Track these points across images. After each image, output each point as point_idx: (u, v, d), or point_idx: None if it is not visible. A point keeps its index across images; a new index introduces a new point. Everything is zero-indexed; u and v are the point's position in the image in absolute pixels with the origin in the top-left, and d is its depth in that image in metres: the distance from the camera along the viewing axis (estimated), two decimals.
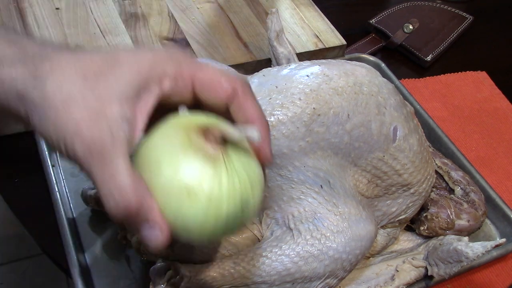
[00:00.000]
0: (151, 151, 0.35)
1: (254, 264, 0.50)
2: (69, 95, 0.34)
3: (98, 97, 0.34)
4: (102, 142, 0.33)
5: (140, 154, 0.35)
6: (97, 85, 0.34)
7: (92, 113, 0.33)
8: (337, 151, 0.53)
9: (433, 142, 0.75)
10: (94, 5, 0.85)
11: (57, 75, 0.34)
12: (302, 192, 0.52)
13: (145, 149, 0.35)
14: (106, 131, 0.33)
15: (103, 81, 0.34)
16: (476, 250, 0.54)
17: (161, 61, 0.36)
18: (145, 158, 0.35)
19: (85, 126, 0.33)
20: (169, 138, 0.35)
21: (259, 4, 0.90)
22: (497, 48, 1.00)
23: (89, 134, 0.33)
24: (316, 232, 0.51)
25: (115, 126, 0.34)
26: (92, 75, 0.35)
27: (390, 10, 0.99)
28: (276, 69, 0.57)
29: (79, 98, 0.34)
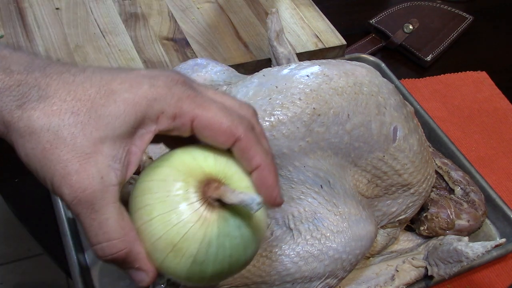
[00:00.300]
0: (147, 193, 0.34)
1: (254, 264, 0.50)
2: (57, 133, 0.31)
3: (89, 137, 0.32)
4: (92, 190, 0.32)
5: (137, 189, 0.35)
6: (89, 123, 0.32)
7: (81, 155, 0.31)
8: (337, 151, 0.53)
9: (433, 142, 0.75)
10: (94, 5, 0.85)
11: (45, 109, 0.32)
12: (302, 192, 0.52)
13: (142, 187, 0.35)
14: (96, 178, 0.32)
15: (95, 118, 0.32)
16: (476, 250, 0.54)
17: (160, 99, 0.33)
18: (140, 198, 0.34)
19: (73, 171, 0.31)
20: (166, 185, 0.34)
21: (259, 4, 0.90)
22: (497, 48, 1.00)
23: (77, 180, 0.31)
24: (316, 232, 0.51)
25: (106, 171, 0.32)
26: (84, 110, 0.32)
27: (390, 10, 0.99)
28: (276, 69, 0.57)
29: (68, 138, 0.31)
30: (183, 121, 0.34)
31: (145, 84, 0.33)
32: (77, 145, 0.31)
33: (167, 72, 0.35)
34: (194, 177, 0.34)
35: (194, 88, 0.35)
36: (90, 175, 0.32)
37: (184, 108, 0.34)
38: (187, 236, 0.33)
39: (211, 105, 0.35)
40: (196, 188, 0.34)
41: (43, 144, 0.31)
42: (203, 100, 0.34)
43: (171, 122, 0.34)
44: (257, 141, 0.36)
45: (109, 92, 0.33)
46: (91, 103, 0.32)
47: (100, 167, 0.32)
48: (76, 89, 0.32)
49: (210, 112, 0.34)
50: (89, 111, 0.32)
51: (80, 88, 0.32)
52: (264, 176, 0.36)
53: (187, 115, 0.34)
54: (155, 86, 0.33)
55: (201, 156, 0.35)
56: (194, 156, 0.35)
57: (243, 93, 0.54)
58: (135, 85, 0.33)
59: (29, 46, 0.75)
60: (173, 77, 0.35)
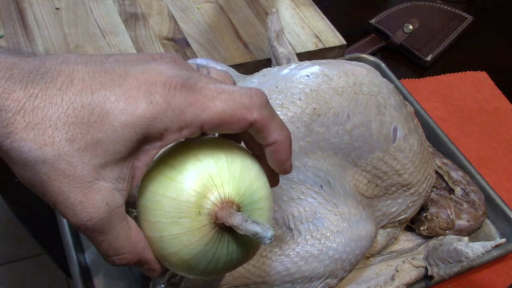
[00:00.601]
0: (159, 209, 0.34)
1: (254, 264, 0.50)
2: (54, 165, 0.29)
3: (89, 164, 0.30)
4: (98, 218, 0.31)
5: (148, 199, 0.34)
6: (86, 150, 0.29)
7: (83, 185, 0.30)
8: (337, 151, 0.53)
9: (433, 142, 0.75)
10: (94, 5, 0.85)
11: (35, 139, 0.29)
12: (302, 192, 0.52)
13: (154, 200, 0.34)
14: (101, 205, 0.30)
15: (92, 145, 0.29)
16: (476, 250, 0.54)
17: (161, 117, 0.31)
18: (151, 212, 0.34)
19: (77, 202, 0.30)
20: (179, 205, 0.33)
21: (259, 4, 0.90)
22: (497, 48, 1.00)
23: (82, 210, 0.30)
24: (316, 232, 0.51)
25: (110, 196, 0.31)
26: (80, 137, 0.29)
27: (390, 10, 0.99)
28: (276, 69, 0.57)
29: (67, 169, 0.29)
30: (191, 130, 0.32)
31: (141, 101, 0.30)
32: (77, 175, 0.29)
33: (163, 76, 0.32)
34: (208, 197, 0.33)
35: (194, 88, 0.32)
36: (95, 204, 0.30)
37: (188, 118, 0.31)
38: (197, 256, 0.34)
39: (216, 102, 0.32)
40: (209, 210, 0.33)
41: (41, 176, 0.29)
42: (206, 100, 0.32)
43: (178, 135, 0.32)
44: (272, 119, 0.34)
45: (103, 114, 0.30)
46: (86, 128, 0.29)
47: (104, 193, 0.31)
48: (67, 112, 0.29)
49: (217, 110, 0.32)
50: (84, 137, 0.29)
51: (71, 110, 0.29)
52: (278, 152, 0.35)
53: (194, 124, 0.32)
54: (153, 103, 0.30)
55: (214, 169, 0.34)
56: (208, 169, 0.34)
57: None
58: (131, 103, 0.30)
59: (29, 46, 0.75)
60: (170, 83, 0.31)
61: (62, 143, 0.29)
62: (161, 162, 0.35)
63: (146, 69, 0.32)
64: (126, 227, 0.33)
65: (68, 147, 0.29)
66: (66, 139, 0.29)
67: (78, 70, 0.30)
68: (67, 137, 0.29)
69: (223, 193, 0.34)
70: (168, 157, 0.35)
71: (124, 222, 0.32)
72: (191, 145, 0.35)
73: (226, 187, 0.34)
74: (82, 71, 0.31)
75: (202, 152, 0.35)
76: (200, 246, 0.34)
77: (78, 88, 0.30)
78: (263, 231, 0.32)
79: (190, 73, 0.33)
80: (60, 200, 0.30)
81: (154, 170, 0.35)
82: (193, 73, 0.33)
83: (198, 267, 0.35)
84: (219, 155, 0.35)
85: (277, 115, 0.35)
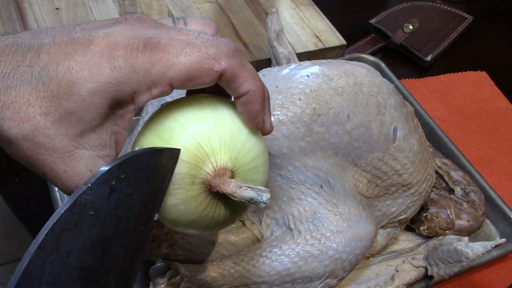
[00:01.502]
0: None
1: (254, 264, 0.50)
2: (34, 140, 0.30)
3: (66, 135, 0.31)
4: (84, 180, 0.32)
5: None
6: (61, 121, 0.30)
7: (65, 155, 0.31)
8: (337, 151, 0.53)
9: (433, 142, 0.75)
10: (94, 5, 0.85)
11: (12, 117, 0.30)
12: (302, 192, 0.52)
13: None
14: (85, 172, 0.32)
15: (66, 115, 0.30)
16: (476, 250, 0.54)
17: (125, 80, 0.31)
18: None
19: (61, 171, 0.31)
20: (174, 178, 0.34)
21: (259, 4, 0.90)
22: (497, 48, 1.00)
23: (67, 179, 0.31)
24: (316, 232, 0.51)
25: (93, 163, 0.32)
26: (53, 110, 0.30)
27: (390, 10, 0.99)
28: (276, 69, 0.57)
29: (46, 142, 0.30)
30: (161, 89, 0.32)
31: (105, 67, 0.30)
32: (57, 146, 0.31)
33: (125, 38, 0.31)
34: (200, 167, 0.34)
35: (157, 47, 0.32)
36: (78, 172, 0.31)
37: (155, 78, 0.31)
38: (195, 221, 0.35)
39: (180, 57, 0.32)
40: (202, 180, 0.34)
41: (24, 151, 0.31)
42: (171, 56, 0.31)
43: (149, 96, 0.32)
44: (242, 68, 0.33)
45: (70, 85, 0.30)
46: (57, 100, 0.30)
47: (87, 160, 0.32)
48: (37, 87, 0.30)
49: (183, 65, 0.31)
50: (57, 109, 0.30)
51: (41, 84, 0.30)
52: (250, 102, 0.34)
53: (161, 82, 0.32)
54: (116, 67, 0.31)
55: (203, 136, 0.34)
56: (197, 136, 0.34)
57: None
58: (94, 70, 0.30)
59: None
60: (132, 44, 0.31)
61: (37, 118, 0.30)
62: (148, 131, 0.35)
63: (109, 33, 0.32)
64: None
65: (43, 121, 0.30)
66: (40, 113, 0.30)
67: (45, 44, 0.31)
68: (41, 112, 0.30)
69: (215, 161, 0.34)
70: (154, 124, 0.35)
71: None
72: (175, 107, 0.35)
73: (218, 154, 0.34)
74: (49, 44, 0.31)
75: (187, 116, 0.34)
76: (197, 213, 0.34)
77: (44, 62, 0.31)
78: (258, 196, 0.33)
79: (156, 31, 0.33)
80: (46, 172, 0.31)
81: (143, 140, 0.35)
82: (160, 30, 0.33)
83: (196, 228, 0.36)
84: (207, 117, 0.34)
85: (249, 65, 0.34)
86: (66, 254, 0.28)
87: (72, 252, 0.29)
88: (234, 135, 0.35)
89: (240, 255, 0.51)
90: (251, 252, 0.51)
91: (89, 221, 0.29)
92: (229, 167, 0.34)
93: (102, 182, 0.30)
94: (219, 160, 0.34)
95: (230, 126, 0.35)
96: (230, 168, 0.34)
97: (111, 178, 0.30)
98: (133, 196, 0.31)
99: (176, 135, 0.34)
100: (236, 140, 0.35)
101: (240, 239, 0.54)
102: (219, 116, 0.35)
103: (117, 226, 0.31)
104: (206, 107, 0.35)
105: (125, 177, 0.31)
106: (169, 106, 0.35)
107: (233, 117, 0.35)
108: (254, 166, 0.36)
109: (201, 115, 0.34)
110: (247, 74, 0.34)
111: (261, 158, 0.36)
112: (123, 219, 0.31)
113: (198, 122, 0.34)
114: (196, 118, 0.34)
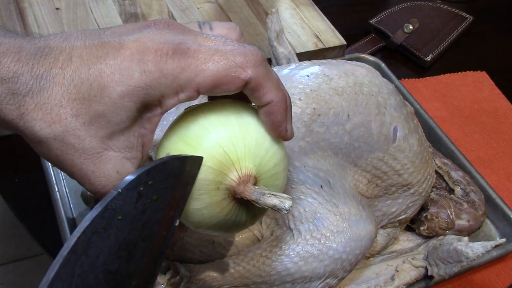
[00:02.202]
0: None
1: (254, 264, 0.50)
2: (64, 140, 0.31)
3: (96, 136, 0.32)
4: (111, 185, 0.33)
5: None
6: (91, 123, 0.31)
7: (94, 156, 0.32)
8: (337, 151, 0.53)
9: (433, 142, 0.75)
10: (94, 5, 0.85)
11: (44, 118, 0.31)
12: (302, 192, 0.52)
13: None
14: (112, 174, 0.33)
15: (96, 117, 0.31)
16: (476, 250, 0.54)
17: (155, 84, 0.32)
18: None
19: (90, 172, 0.32)
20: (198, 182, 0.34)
21: (259, 4, 0.90)
22: (497, 48, 1.00)
23: (95, 180, 0.33)
24: (316, 232, 0.51)
25: (120, 164, 0.33)
26: (84, 112, 0.31)
27: (390, 10, 0.99)
28: (276, 69, 0.57)
29: (76, 143, 0.31)
30: (188, 95, 0.33)
31: (135, 71, 0.31)
32: (86, 147, 0.32)
33: (155, 43, 0.32)
34: (225, 173, 0.34)
35: (187, 53, 0.32)
36: (106, 173, 0.32)
37: (183, 83, 0.32)
38: (217, 224, 0.36)
39: (209, 64, 0.32)
40: (227, 186, 0.35)
41: (54, 151, 0.32)
42: (200, 63, 0.32)
43: (176, 100, 0.33)
44: (267, 77, 0.34)
45: (101, 88, 0.31)
46: (88, 103, 0.31)
47: (114, 162, 0.32)
48: (69, 89, 0.31)
49: (211, 72, 0.32)
50: (88, 111, 0.31)
51: (72, 87, 0.31)
52: (273, 112, 0.35)
53: (189, 88, 0.32)
54: (146, 72, 0.32)
55: (228, 143, 0.34)
56: (222, 143, 0.34)
57: None
58: (125, 74, 0.31)
59: None
60: (162, 49, 0.32)
61: (68, 119, 0.31)
62: (174, 135, 0.35)
63: (139, 38, 0.33)
64: None
65: (74, 122, 0.31)
66: (71, 115, 0.31)
67: (77, 47, 0.32)
68: (72, 113, 0.31)
69: (240, 168, 0.34)
70: (180, 129, 0.35)
71: None
72: (199, 112, 0.35)
73: (243, 161, 0.34)
74: (80, 48, 0.32)
75: (213, 122, 0.35)
76: (220, 217, 0.35)
77: (76, 65, 0.32)
78: (281, 203, 0.33)
79: (184, 37, 0.34)
80: (75, 172, 0.32)
81: (168, 145, 0.35)
82: (188, 36, 0.34)
83: (217, 231, 0.37)
84: (232, 124, 0.35)
85: (274, 75, 0.35)
86: (95, 257, 0.29)
87: (100, 255, 0.30)
88: (259, 142, 0.35)
89: (240, 255, 0.51)
90: (251, 252, 0.51)
91: (117, 225, 0.30)
92: (253, 174, 0.35)
93: (131, 188, 0.31)
94: (244, 167, 0.35)
95: (254, 133, 0.35)
96: (253, 174, 0.35)
97: (139, 184, 0.31)
98: (158, 202, 0.32)
99: (202, 142, 0.34)
100: (260, 147, 0.35)
101: (240, 239, 0.54)
102: (243, 123, 0.35)
103: (142, 231, 0.32)
104: (230, 114, 0.35)
105: (152, 183, 0.32)
106: (194, 111, 0.36)
107: (257, 124, 0.36)
108: (276, 172, 0.36)
109: (226, 122, 0.35)
110: (271, 84, 0.34)
111: (282, 164, 0.37)
112: (148, 224, 0.32)
113: (223, 129, 0.35)
114: (221, 125, 0.35)
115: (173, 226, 0.34)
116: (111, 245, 0.30)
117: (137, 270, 0.32)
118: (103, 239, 0.30)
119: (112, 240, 0.30)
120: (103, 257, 0.30)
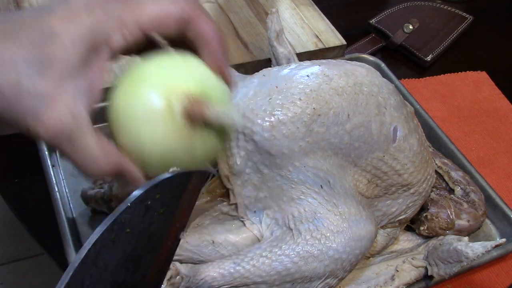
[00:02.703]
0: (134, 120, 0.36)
1: (254, 264, 0.50)
2: (18, 85, 0.32)
3: (48, 79, 0.33)
4: (66, 126, 0.34)
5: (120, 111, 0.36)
6: (44, 67, 0.33)
7: (47, 98, 0.33)
8: (337, 151, 0.53)
9: (433, 142, 0.75)
10: None
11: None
12: (302, 192, 0.52)
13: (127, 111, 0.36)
14: (66, 114, 0.33)
15: (47, 61, 0.33)
16: (476, 250, 0.54)
17: (101, 25, 0.35)
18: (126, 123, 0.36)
19: (44, 116, 0.33)
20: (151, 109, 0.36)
21: (259, 4, 0.90)
22: (497, 48, 1.00)
23: (50, 122, 0.33)
24: (316, 232, 0.51)
25: (73, 105, 0.34)
26: (36, 56, 0.33)
27: (390, 10, 0.99)
28: (276, 69, 0.57)
29: (29, 87, 0.33)
30: (132, 32, 0.36)
31: (82, 15, 0.34)
32: (39, 90, 0.33)
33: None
34: (175, 98, 0.36)
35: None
36: (61, 114, 0.33)
37: (127, 23, 0.35)
38: (177, 154, 0.37)
39: (149, 3, 0.36)
40: (179, 108, 0.36)
41: (9, 98, 0.33)
42: (141, 5, 0.36)
43: (122, 40, 0.36)
44: (200, 9, 0.38)
45: (52, 33, 0.33)
46: (39, 48, 0.33)
47: (67, 103, 0.34)
48: (21, 38, 0.33)
49: (151, 9, 0.36)
50: (40, 56, 0.33)
51: (24, 35, 0.33)
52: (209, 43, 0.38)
53: (133, 26, 0.36)
54: (93, 13, 0.35)
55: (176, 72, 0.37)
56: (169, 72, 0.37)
57: (243, 93, 0.54)
58: (74, 18, 0.34)
59: None
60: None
61: (21, 65, 0.32)
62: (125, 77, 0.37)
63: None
64: (95, 137, 0.35)
65: (26, 67, 0.32)
66: (24, 60, 0.32)
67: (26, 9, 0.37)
68: (25, 58, 0.32)
69: (189, 92, 0.36)
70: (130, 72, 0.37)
71: (92, 132, 0.35)
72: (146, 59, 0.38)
73: (190, 84, 0.37)
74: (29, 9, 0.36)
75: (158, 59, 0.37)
76: (179, 145, 0.36)
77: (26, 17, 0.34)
78: (231, 119, 0.36)
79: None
80: (29, 117, 0.33)
81: (120, 86, 0.37)
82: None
83: (178, 163, 0.37)
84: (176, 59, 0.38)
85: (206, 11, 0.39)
86: (103, 268, 0.30)
87: (108, 266, 0.30)
88: (203, 71, 0.38)
89: (240, 255, 0.51)
90: (251, 252, 0.51)
91: (125, 238, 0.31)
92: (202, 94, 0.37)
93: (140, 202, 0.32)
94: (192, 89, 0.37)
95: (198, 65, 0.38)
96: (202, 95, 0.37)
97: (148, 197, 0.32)
98: (164, 215, 0.33)
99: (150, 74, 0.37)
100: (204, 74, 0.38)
101: (240, 239, 0.54)
102: (188, 59, 0.38)
103: (148, 243, 0.33)
104: (175, 55, 0.38)
105: (160, 197, 0.33)
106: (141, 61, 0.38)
107: (200, 61, 0.39)
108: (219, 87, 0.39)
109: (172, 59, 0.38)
110: (205, 15, 0.38)
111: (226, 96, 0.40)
112: (154, 237, 0.33)
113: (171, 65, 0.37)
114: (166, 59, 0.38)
115: (178, 238, 0.35)
116: (119, 257, 0.31)
117: (143, 281, 0.33)
118: (111, 251, 0.30)
119: (120, 252, 0.31)
120: (111, 269, 0.31)
